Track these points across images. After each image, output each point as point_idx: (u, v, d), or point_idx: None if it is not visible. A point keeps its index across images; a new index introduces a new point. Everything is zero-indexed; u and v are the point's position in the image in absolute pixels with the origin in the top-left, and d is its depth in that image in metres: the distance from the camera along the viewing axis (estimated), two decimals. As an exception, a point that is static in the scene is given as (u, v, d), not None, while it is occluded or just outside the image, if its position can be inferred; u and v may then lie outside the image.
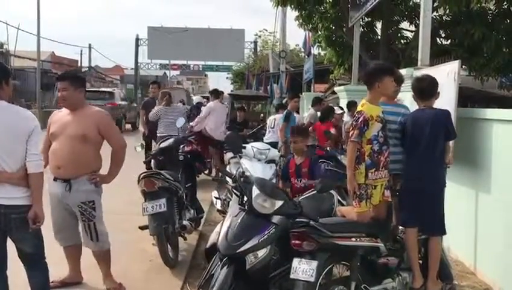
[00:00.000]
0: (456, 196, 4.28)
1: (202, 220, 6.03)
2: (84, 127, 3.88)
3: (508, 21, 9.48)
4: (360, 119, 3.53)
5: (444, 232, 3.92)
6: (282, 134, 8.00)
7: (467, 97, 10.50)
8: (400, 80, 4.31)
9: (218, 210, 5.78)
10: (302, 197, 4.20)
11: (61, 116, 4.03)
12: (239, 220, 3.24)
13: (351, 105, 8.66)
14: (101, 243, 4.03)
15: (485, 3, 8.48)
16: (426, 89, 4.01)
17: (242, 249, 3.08)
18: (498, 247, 4.38)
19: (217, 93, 9.93)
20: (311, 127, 8.94)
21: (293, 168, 4.74)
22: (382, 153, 3.58)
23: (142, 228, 4.93)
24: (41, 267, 3.42)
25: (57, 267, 3.91)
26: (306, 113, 16.32)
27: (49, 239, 3.58)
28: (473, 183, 4.84)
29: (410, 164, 3.92)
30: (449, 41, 10.45)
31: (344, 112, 9.37)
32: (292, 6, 12.49)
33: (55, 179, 3.90)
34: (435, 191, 3.87)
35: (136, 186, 4.87)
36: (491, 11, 9.61)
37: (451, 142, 4.10)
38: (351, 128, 3.65)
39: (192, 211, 5.54)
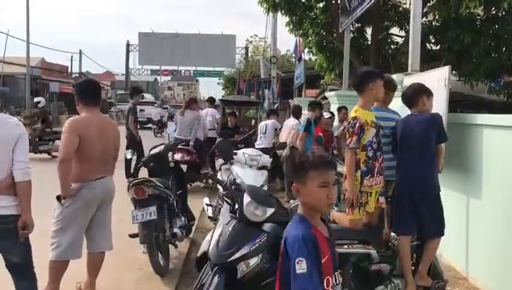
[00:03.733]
0: (447, 201, 4.27)
1: (193, 228, 5.99)
2: None
3: (496, 26, 9.55)
4: (357, 125, 3.50)
5: (442, 233, 3.91)
6: (302, 143, 7.82)
7: (456, 102, 10.57)
8: (393, 86, 4.31)
9: (209, 217, 5.72)
10: (294, 204, 4.17)
11: None
12: (230, 228, 3.20)
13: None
14: None
15: (473, 9, 8.52)
16: (410, 95, 4.03)
17: (233, 257, 3.03)
18: (490, 252, 4.38)
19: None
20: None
21: None
22: (376, 159, 3.57)
23: (132, 236, 4.87)
24: (29, 277, 3.36)
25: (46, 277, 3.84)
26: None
27: (38, 248, 3.52)
28: (463, 188, 4.84)
29: (403, 169, 3.91)
30: (438, 46, 10.51)
31: (334, 117, 9.38)
32: (283, 12, 12.54)
33: None
34: (430, 195, 3.86)
35: (126, 193, 4.81)
36: (479, 17, 9.68)
37: (443, 147, 4.10)
38: (348, 135, 3.62)
39: (183, 218, 5.50)
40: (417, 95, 4.00)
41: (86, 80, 4.57)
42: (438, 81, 4.80)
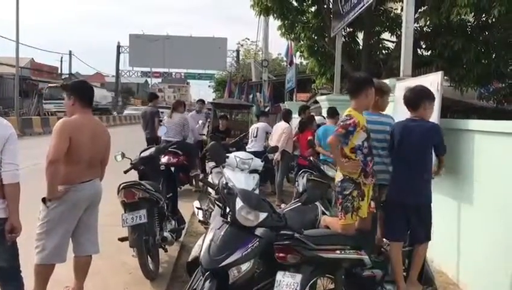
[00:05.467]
0: (438, 206, 4.28)
1: (183, 231, 5.93)
2: None
3: (487, 33, 9.65)
4: (350, 121, 3.48)
5: (429, 238, 3.92)
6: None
7: (446, 107, 10.63)
8: (386, 91, 4.29)
9: (200, 221, 5.68)
10: (287, 209, 4.15)
11: None
12: (222, 233, 3.16)
13: (334, 112, 8.13)
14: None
15: (464, 15, 8.59)
16: (413, 98, 4.00)
17: (225, 263, 2.99)
18: (480, 258, 4.39)
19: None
20: (295, 137, 8.95)
21: None
22: (367, 163, 3.56)
23: (121, 239, 4.82)
24: (16, 281, 3.29)
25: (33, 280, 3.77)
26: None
27: (26, 252, 3.46)
28: (455, 193, 4.85)
29: (398, 176, 3.89)
30: (429, 52, 10.59)
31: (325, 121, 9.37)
32: (275, 15, 12.56)
33: None
34: (423, 203, 3.86)
35: (116, 196, 4.75)
36: (470, 23, 9.77)
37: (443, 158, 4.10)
38: (338, 127, 3.60)
39: (173, 222, 5.45)
40: (420, 99, 3.97)
41: (83, 81, 4.50)
42: (431, 86, 4.80)
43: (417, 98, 3.98)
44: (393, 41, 11.94)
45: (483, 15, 9.10)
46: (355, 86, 3.71)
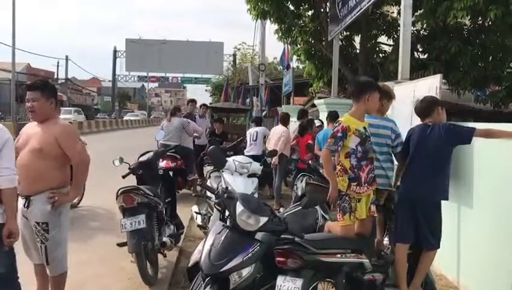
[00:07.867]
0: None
1: (182, 236, 5.89)
2: (41, 141, 3.58)
3: (483, 36, 9.68)
4: (337, 129, 3.53)
5: (439, 246, 3.91)
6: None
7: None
8: (389, 96, 4.27)
9: (198, 225, 5.65)
10: (287, 212, 4.13)
11: (29, 128, 3.76)
12: (222, 238, 3.14)
13: (334, 116, 7.98)
14: (51, 267, 3.67)
15: (461, 19, 8.62)
16: (425, 108, 4.03)
17: (226, 268, 2.98)
18: (481, 261, 4.38)
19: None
20: (294, 141, 8.96)
21: None
22: (361, 168, 3.54)
23: (120, 245, 4.78)
24: (13, 286, 3.26)
25: (30, 286, 3.73)
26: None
27: (22, 256, 3.42)
28: (455, 197, 4.82)
29: (414, 179, 3.88)
30: (426, 55, 10.61)
31: (323, 124, 9.38)
32: (272, 19, 12.56)
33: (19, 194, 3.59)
34: (437, 206, 3.88)
35: (114, 201, 4.72)
36: (466, 27, 9.80)
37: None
38: (329, 138, 3.63)
39: (172, 226, 5.41)
40: (432, 106, 3.99)
41: (48, 81, 4.39)
42: (429, 89, 4.81)
43: (428, 107, 4.02)
44: (390, 45, 11.97)
45: (480, 18, 9.13)
46: (357, 90, 3.68)
